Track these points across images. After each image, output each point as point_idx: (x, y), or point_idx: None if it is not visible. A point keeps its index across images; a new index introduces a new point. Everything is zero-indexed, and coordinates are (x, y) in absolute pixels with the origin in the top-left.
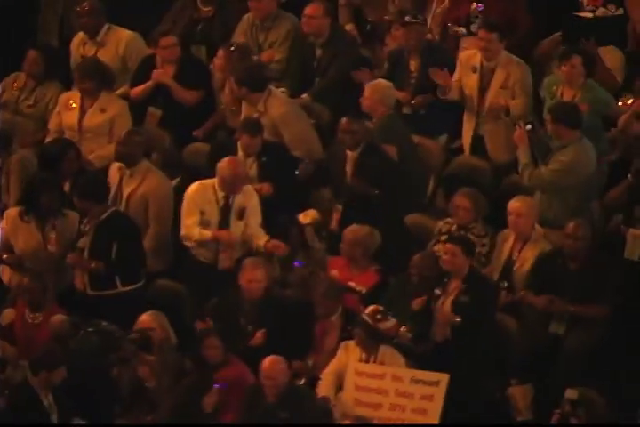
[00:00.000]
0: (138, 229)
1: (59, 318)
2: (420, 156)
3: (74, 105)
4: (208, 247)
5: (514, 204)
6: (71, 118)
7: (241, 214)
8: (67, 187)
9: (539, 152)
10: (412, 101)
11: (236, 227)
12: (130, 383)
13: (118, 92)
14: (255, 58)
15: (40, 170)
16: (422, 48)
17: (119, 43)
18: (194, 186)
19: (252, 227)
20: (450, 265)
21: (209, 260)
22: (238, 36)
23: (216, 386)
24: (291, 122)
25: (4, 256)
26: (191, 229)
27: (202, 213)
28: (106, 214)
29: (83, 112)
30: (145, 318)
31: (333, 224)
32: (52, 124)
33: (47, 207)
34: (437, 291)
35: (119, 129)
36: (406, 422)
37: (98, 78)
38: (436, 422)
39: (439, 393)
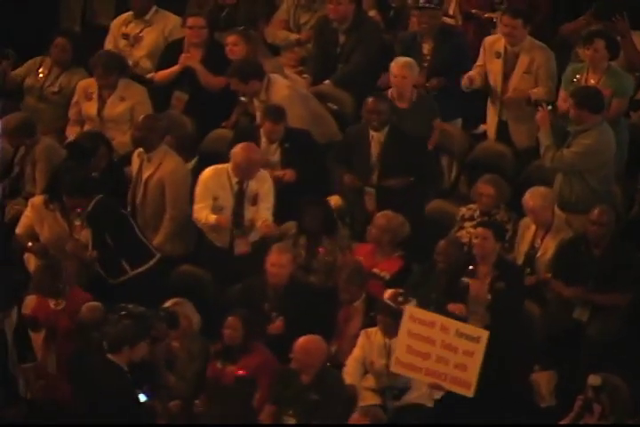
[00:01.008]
0: (124, 212)
1: (91, 305)
2: (443, 141)
3: (93, 95)
4: (221, 232)
5: (528, 200)
6: (91, 108)
7: (254, 200)
8: None
9: (556, 135)
10: (426, 84)
11: (250, 212)
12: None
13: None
14: (294, 37)
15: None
16: (436, 32)
17: (167, 24)
18: (208, 171)
19: (261, 211)
20: (480, 249)
21: (224, 244)
22: (281, 14)
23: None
24: (294, 108)
25: (29, 244)
26: (200, 212)
27: (215, 198)
28: (91, 205)
29: (102, 102)
30: (168, 305)
31: (369, 208)
32: (71, 114)
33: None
34: (465, 280)
35: (140, 116)
36: (448, 378)
37: (118, 71)
38: (474, 379)
39: (479, 350)
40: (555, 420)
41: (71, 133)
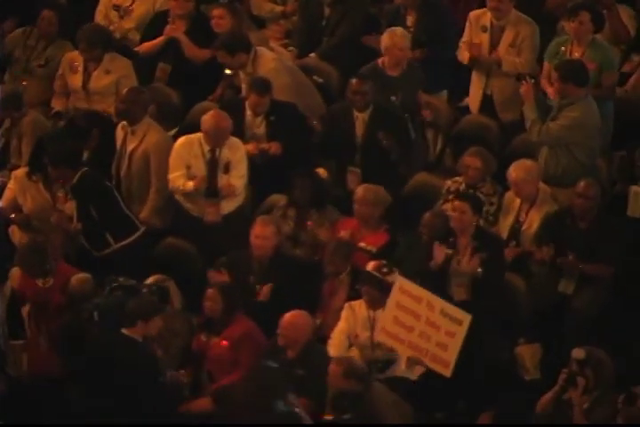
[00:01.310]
0: (108, 185)
1: (80, 277)
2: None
3: (79, 68)
4: (196, 202)
5: (511, 173)
6: (76, 81)
7: (227, 168)
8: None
9: (539, 109)
10: (414, 55)
11: (222, 180)
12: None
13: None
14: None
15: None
16: (419, 4)
17: None
18: (180, 140)
19: (232, 178)
20: (458, 222)
21: (200, 214)
22: None
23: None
24: (278, 77)
25: (12, 215)
26: (176, 181)
27: (188, 167)
28: (76, 177)
29: (87, 75)
30: (153, 277)
31: (352, 185)
32: (56, 86)
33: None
34: (448, 251)
35: (124, 89)
36: (429, 354)
37: (103, 44)
38: (452, 360)
39: (460, 332)
40: (539, 393)
41: (57, 105)
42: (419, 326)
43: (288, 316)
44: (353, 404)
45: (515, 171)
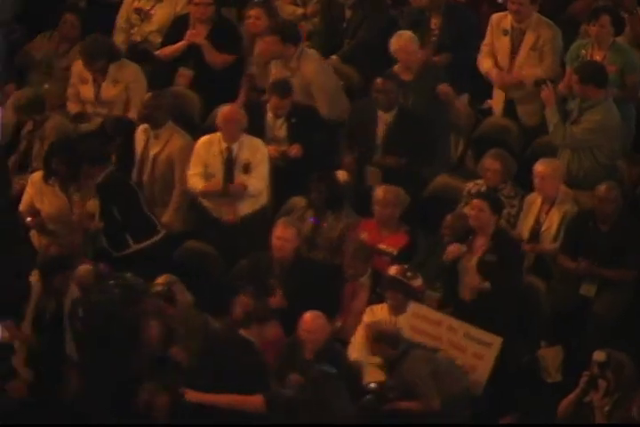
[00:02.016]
0: (133, 186)
1: (85, 267)
2: (450, 116)
3: (88, 79)
4: (214, 201)
5: (538, 167)
6: (87, 92)
7: (246, 168)
8: None
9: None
10: (437, 59)
11: (241, 181)
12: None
13: None
14: (300, 12)
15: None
16: (444, 7)
17: (178, 1)
18: (202, 138)
19: (251, 180)
20: (476, 221)
21: (219, 215)
22: None
23: None
24: (323, 80)
25: (29, 219)
26: (191, 180)
27: (206, 165)
28: (102, 176)
29: (97, 86)
30: (161, 282)
31: (370, 182)
32: (69, 93)
33: (58, 172)
34: (463, 248)
35: (135, 94)
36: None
37: (106, 57)
38: (483, 379)
39: (490, 354)
40: (561, 396)
41: (72, 109)
42: (442, 346)
43: (305, 317)
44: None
45: (541, 165)
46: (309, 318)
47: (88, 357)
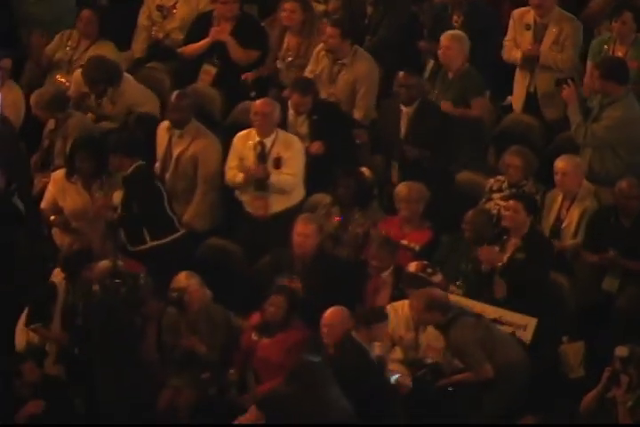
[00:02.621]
0: (158, 183)
1: (104, 263)
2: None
3: (90, 96)
4: (249, 195)
5: (559, 163)
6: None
7: (277, 163)
8: None
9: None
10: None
11: (273, 176)
12: (176, 345)
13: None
14: (321, 9)
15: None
16: (467, 4)
17: None
18: (241, 132)
19: (282, 175)
20: (511, 222)
21: (252, 209)
22: None
23: None
24: (372, 80)
25: (52, 218)
26: (228, 173)
27: (241, 159)
28: (131, 169)
29: (98, 104)
30: (181, 279)
31: (394, 180)
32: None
33: (81, 169)
34: (496, 248)
35: (136, 111)
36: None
37: (107, 81)
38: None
39: (527, 337)
40: (583, 391)
41: None
42: None
43: (326, 313)
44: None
45: (562, 161)
46: (329, 311)
47: (88, 353)
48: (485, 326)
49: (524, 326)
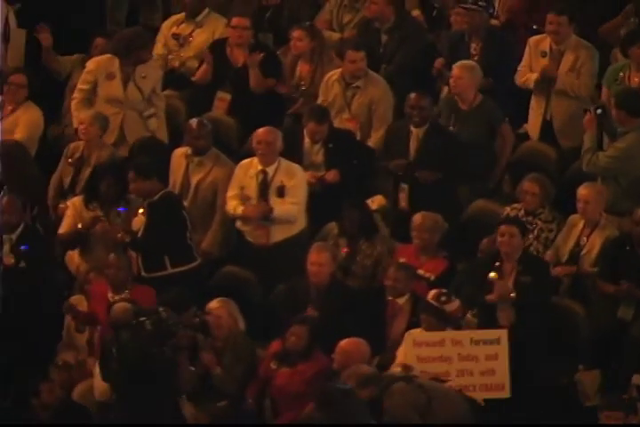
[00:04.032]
0: (184, 212)
1: (122, 305)
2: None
3: (116, 75)
4: (249, 225)
5: (582, 190)
6: (115, 88)
7: (280, 192)
8: None
9: (610, 137)
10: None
11: (276, 204)
12: (195, 371)
13: None
14: (337, 37)
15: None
16: (484, 32)
17: (217, 26)
18: (243, 161)
19: (286, 204)
20: (508, 247)
21: (253, 238)
22: (325, 14)
23: None
24: (388, 101)
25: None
26: (229, 202)
27: (242, 187)
28: (158, 195)
29: (127, 81)
30: (213, 304)
31: (402, 204)
32: (81, 93)
33: (107, 195)
34: (492, 275)
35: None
36: (477, 387)
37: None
38: (506, 380)
39: (502, 351)
40: (599, 419)
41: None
42: (453, 367)
43: (343, 343)
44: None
45: (585, 189)
46: (345, 344)
47: (124, 396)
48: (418, 387)
49: (497, 339)
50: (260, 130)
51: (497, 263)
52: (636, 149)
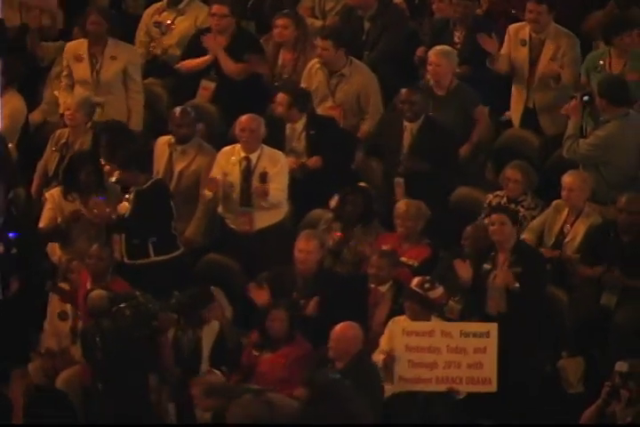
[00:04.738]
0: (171, 202)
1: (98, 293)
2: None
3: (84, 56)
4: (231, 211)
5: (566, 178)
6: (83, 72)
7: (263, 178)
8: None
9: (593, 125)
10: (458, 70)
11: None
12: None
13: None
14: (319, 24)
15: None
16: (470, 21)
17: (199, 14)
18: (224, 148)
19: (272, 191)
20: (500, 235)
21: (236, 226)
22: (307, 1)
23: None
24: (376, 90)
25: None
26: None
27: (225, 174)
28: (149, 183)
29: (95, 63)
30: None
31: (398, 197)
32: (62, 79)
33: (86, 184)
34: (486, 265)
35: (133, 78)
36: (464, 379)
37: (111, 22)
38: (494, 374)
39: (491, 344)
40: (582, 406)
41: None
42: (442, 358)
43: (339, 327)
44: None
45: (570, 176)
46: (340, 328)
47: (110, 384)
48: (265, 402)
49: (487, 332)
50: (244, 117)
51: (492, 253)
52: (616, 139)
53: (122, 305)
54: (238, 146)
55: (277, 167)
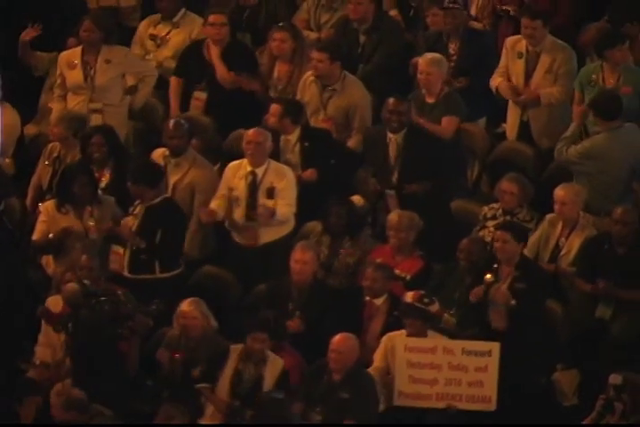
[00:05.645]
0: (185, 217)
1: (71, 286)
2: (464, 140)
3: (77, 63)
4: (237, 225)
5: (559, 191)
6: (76, 78)
7: (270, 193)
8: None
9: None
10: (457, 83)
11: (267, 205)
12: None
13: None
14: (314, 37)
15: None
16: (462, 32)
17: (194, 27)
18: (232, 163)
19: (279, 207)
20: (503, 252)
21: (240, 240)
22: (302, 14)
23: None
24: (366, 106)
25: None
26: (213, 201)
27: (231, 189)
28: (158, 199)
29: (88, 68)
30: (185, 306)
31: (391, 209)
32: (56, 88)
33: (81, 196)
34: (489, 277)
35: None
36: (464, 397)
37: (105, 31)
38: (494, 393)
39: (493, 363)
40: (577, 419)
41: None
42: (442, 375)
43: (337, 338)
44: None
45: (562, 190)
46: (339, 338)
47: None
48: None
49: (489, 351)
50: (250, 131)
51: (495, 265)
52: (601, 151)
53: (102, 299)
54: (245, 161)
55: (284, 182)
